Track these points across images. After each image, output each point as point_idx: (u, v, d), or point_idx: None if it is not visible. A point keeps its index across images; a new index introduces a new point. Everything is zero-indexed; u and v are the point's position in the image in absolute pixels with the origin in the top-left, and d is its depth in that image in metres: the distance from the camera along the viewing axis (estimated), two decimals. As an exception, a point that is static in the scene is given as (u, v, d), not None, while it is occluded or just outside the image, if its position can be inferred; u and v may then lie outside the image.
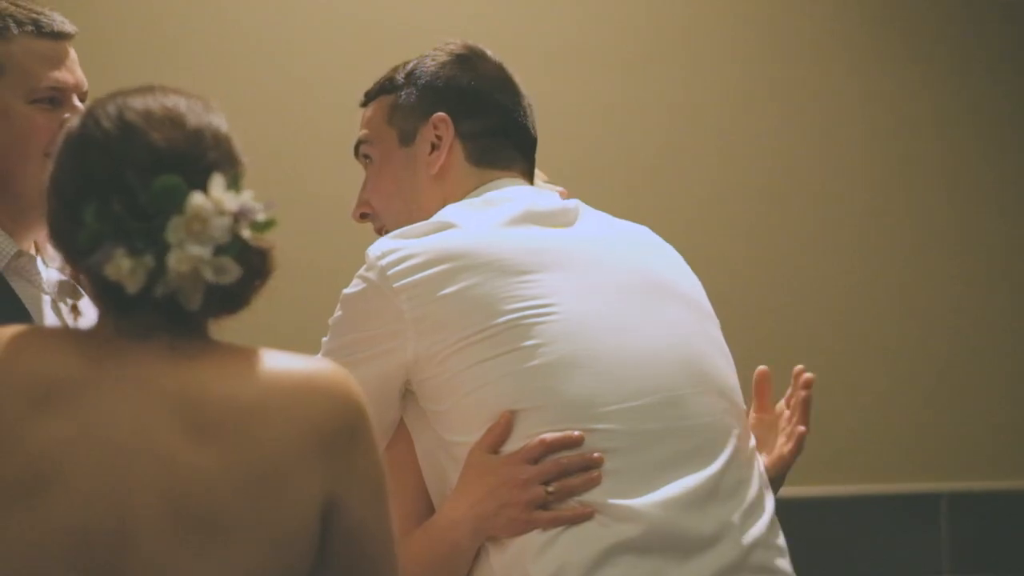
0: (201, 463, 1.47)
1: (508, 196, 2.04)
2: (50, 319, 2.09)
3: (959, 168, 3.63)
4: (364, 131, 2.16)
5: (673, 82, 3.51)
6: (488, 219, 1.99)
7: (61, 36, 2.12)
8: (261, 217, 1.50)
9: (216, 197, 1.46)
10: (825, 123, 3.57)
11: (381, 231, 2.12)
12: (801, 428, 2.05)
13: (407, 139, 2.11)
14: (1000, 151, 3.65)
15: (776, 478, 2.03)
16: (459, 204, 2.03)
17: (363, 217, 2.17)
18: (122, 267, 1.45)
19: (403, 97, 2.12)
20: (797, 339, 3.52)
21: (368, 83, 3.26)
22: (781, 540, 1.95)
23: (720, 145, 3.53)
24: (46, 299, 2.12)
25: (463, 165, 2.08)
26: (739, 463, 1.94)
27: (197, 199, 1.46)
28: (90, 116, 1.54)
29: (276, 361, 1.53)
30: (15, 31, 2.07)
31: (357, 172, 3.27)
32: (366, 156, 2.16)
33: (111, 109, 1.54)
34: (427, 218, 2.03)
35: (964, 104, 3.64)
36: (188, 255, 1.45)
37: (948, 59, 3.63)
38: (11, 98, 2.06)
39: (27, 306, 2.07)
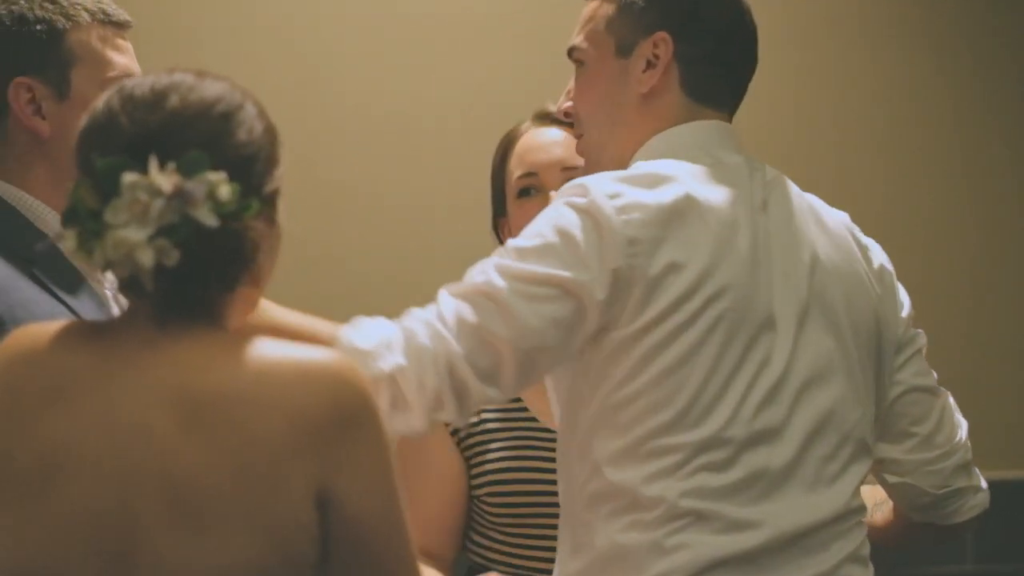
0: (194, 452, 1.47)
1: (725, 156, 1.98)
2: (114, 309, 2.10)
3: (978, 160, 3.59)
4: (581, 35, 2.07)
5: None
6: (714, 188, 1.92)
7: (126, 25, 2.16)
8: (225, 198, 1.48)
9: (151, 177, 1.45)
10: (841, 113, 3.53)
11: (579, 138, 2.08)
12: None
13: (625, 51, 2.02)
14: (1021, 142, 3.59)
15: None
16: (681, 163, 1.93)
17: (567, 116, 2.09)
18: (68, 248, 1.46)
19: (627, 5, 2.03)
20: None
21: (380, 73, 3.28)
22: (867, 551, 1.97)
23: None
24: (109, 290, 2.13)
25: (675, 91, 2.01)
26: (858, 495, 1.96)
27: (128, 178, 1.45)
28: (96, 101, 1.57)
29: (273, 350, 1.53)
30: (87, 19, 2.09)
31: (368, 163, 3.25)
32: (579, 60, 2.07)
33: (109, 92, 1.56)
34: (629, 137, 2.00)
35: (984, 95, 3.58)
36: (120, 238, 1.45)
37: (968, 50, 3.58)
38: (87, 86, 2.06)
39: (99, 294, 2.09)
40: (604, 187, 1.87)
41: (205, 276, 1.52)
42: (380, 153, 3.27)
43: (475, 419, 2.47)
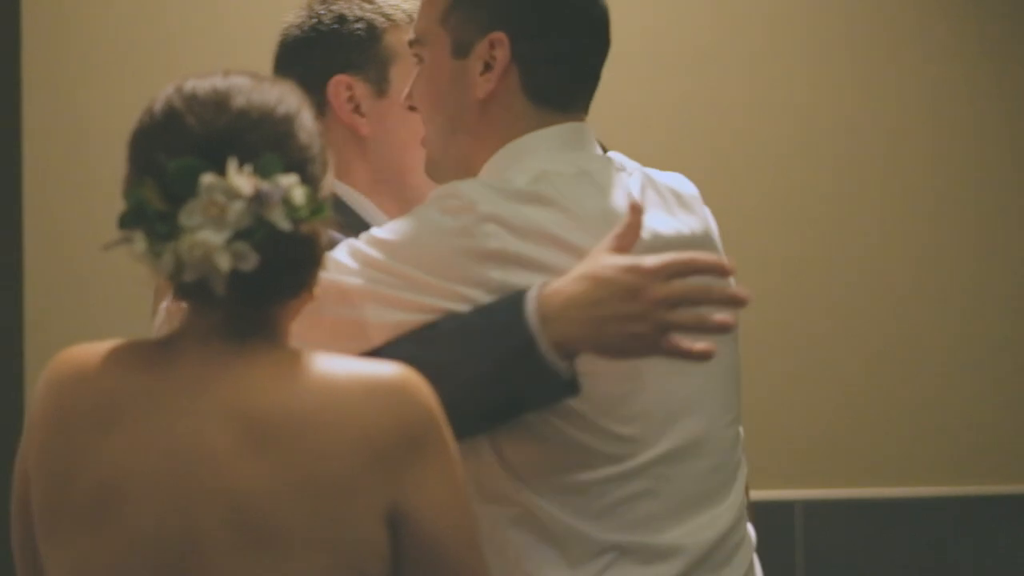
0: (257, 473, 1.45)
1: (587, 162, 1.81)
2: None
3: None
4: (415, 31, 1.91)
5: (755, 78, 3.46)
6: (586, 197, 1.77)
7: None
8: (300, 202, 1.45)
9: (230, 179, 1.42)
10: (890, 118, 3.50)
11: (424, 141, 1.92)
12: None
13: (462, 51, 1.84)
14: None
15: None
16: (556, 175, 1.77)
17: (411, 109, 1.94)
18: (137, 250, 1.43)
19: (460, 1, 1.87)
20: (889, 336, 3.46)
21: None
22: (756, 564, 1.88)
23: (783, 138, 3.48)
24: None
25: (517, 96, 1.83)
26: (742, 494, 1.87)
27: (206, 180, 1.42)
28: (150, 101, 1.53)
29: (336, 367, 1.50)
30: (404, 19, 2.10)
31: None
32: (417, 56, 1.91)
33: (165, 93, 1.53)
34: (472, 144, 1.84)
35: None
36: (197, 241, 1.41)
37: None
38: (404, 85, 2.01)
39: None
40: (475, 195, 1.73)
41: (276, 281, 1.49)
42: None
43: None
